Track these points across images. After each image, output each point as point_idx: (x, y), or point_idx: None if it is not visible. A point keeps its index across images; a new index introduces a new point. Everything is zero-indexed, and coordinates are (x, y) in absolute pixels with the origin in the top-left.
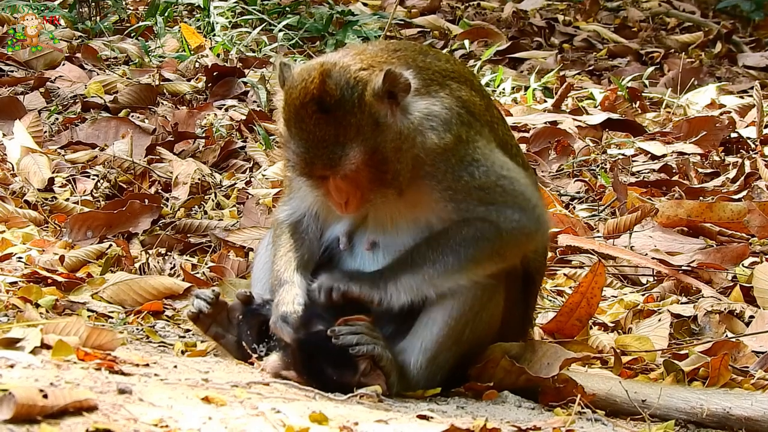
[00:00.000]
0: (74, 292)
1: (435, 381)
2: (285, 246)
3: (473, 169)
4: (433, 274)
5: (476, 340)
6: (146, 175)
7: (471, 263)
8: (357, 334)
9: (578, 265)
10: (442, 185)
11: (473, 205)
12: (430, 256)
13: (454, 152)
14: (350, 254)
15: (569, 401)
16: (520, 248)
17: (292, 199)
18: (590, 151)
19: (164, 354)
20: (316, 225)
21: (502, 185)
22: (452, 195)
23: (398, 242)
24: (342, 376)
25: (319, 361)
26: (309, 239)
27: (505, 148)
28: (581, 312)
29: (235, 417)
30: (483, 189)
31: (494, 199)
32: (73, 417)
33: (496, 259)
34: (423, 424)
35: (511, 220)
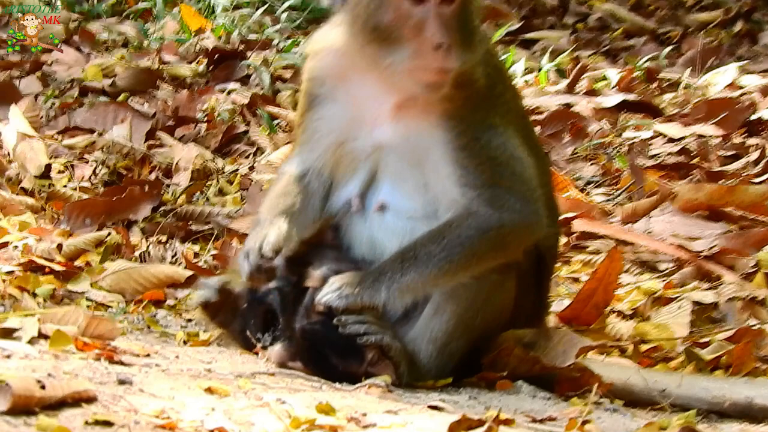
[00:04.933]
0: (72, 281)
1: (446, 370)
2: (277, 192)
3: (491, 136)
4: (437, 274)
5: (488, 327)
6: (146, 161)
7: (473, 259)
8: (364, 324)
9: (594, 251)
10: (458, 141)
11: (480, 182)
12: (434, 252)
13: (483, 101)
14: (358, 218)
15: (586, 391)
16: (522, 242)
17: (299, 154)
18: (606, 134)
19: (165, 344)
20: (319, 182)
21: (513, 167)
22: (464, 159)
23: (407, 207)
24: (348, 366)
25: (323, 351)
26: (308, 194)
27: (520, 129)
28: (598, 299)
29: (239, 408)
30: (495, 163)
31: (502, 179)
32: (71, 408)
33: (499, 254)
34: (434, 415)
35: (513, 210)
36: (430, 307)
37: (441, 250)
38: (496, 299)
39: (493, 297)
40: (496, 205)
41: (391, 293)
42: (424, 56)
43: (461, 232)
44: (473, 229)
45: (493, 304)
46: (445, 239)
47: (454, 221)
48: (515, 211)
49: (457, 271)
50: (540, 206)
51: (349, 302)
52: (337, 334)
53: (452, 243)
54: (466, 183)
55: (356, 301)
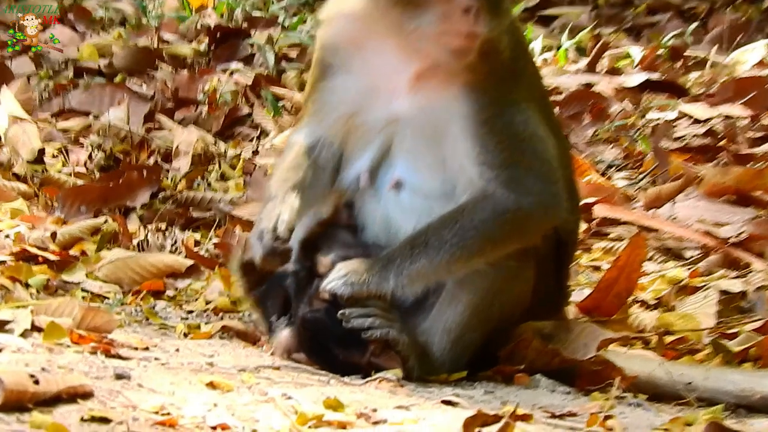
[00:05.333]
0: (67, 271)
1: (461, 363)
2: (287, 165)
3: (514, 112)
4: (449, 260)
5: (505, 318)
6: (144, 145)
7: (488, 245)
8: (369, 317)
9: (616, 237)
10: (479, 115)
11: (499, 161)
12: (446, 237)
13: (507, 74)
14: (373, 195)
15: (607, 385)
16: (540, 226)
17: (307, 125)
18: (628, 115)
19: (165, 337)
20: (329, 154)
21: (534, 146)
22: (484, 135)
23: (424, 185)
24: (350, 356)
25: (324, 341)
26: (318, 167)
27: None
28: (620, 288)
29: (242, 403)
30: (516, 141)
31: (522, 159)
32: (66, 404)
33: (516, 239)
34: (447, 410)
35: (532, 192)
36: (444, 296)
37: (453, 236)
38: (513, 288)
39: (510, 286)
40: (514, 187)
41: (399, 281)
42: (451, 20)
43: (476, 216)
44: (488, 212)
45: (510, 293)
46: (458, 224)
47: (469, 204)
48: (534, 194)
49: (471, 257)
50: (560, 188)
51: (354, 290)
52: (339, 324)
53: (466, 228)
54: (485, 161)
55: (362, 290)
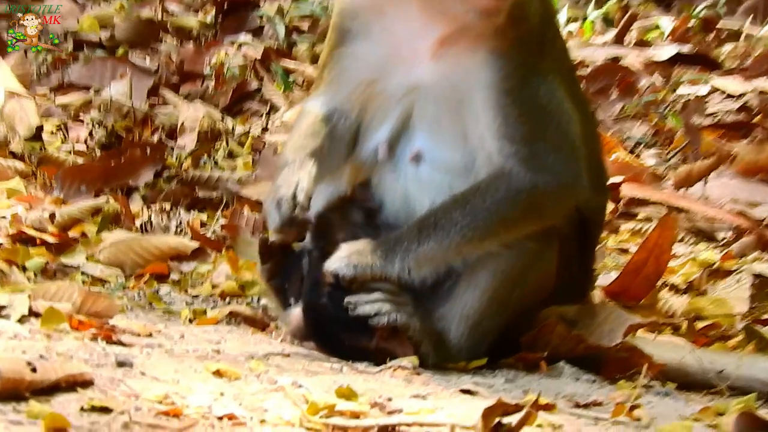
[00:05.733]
0: (66, 254)
1: (479, 351)
2: (303, 131)
3: (540, 83)
4: (460, 242)
5: (526, 303)
6: (148, 122)
7: (503, 226)
8: (376, 303)
9: (645, 218)
10: (504, 84)
11: (519, 135)
12: (457, 218)
13: (535, 42)
14: (391, 168)
15: (635, 373)
16: (559, 206)
17: (323, 93)
18: (658, 90)
19: (169, 322)
20: (346, 124)
21: (558, 121)
22: (508, 105)
23: (444, 158)
24: (357, 342)
25: (329, 327)
26: (335, 137)
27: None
28: (648, 272)
29: (250, 392)
30: (539, 114)
31: (544, 134)
32: (65, 393)
33: (532, 219)
34: (466, 400)
35: (550, 171)
36: (461, 279)
37: (464, 216)
38: (535, 271)
39: (532, 269)
40: (533, 165)
41: (405, 265)
42: None
43: (489, 196)
44: (503, 192)
45: (533, 276)
46: (470, 204)
47: (483, 184)
48: (552, 173)
49: (482, 239)
50: (581, 167)
51: (357, 272)
52: (343, 309)
53: (478, 208)
54: (505, 134)
55: (366, 271)
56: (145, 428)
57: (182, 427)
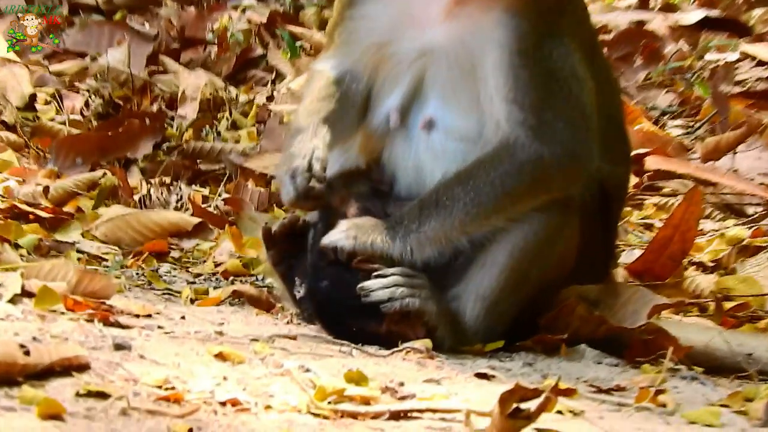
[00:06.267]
0: (61, 230)
1: (496, 332)
2: (316, 94)
3: (555, 45)
4: (464, 219)
5: (545, 282)
6: (147, 90)
7: (508, 200)
8: (390, 288)
9: (670, 192)
10: (518, 44)
11: (529, 100)
12: (459, 195)
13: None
14: (403, 136)
15: (660, 356)
16: (566, 178)
17: (334, 56)
18: (684, 57)
19: (169, 303)
20: (358, 88)
21: (570, 87)
22: (520, 67)
23: (457, 125)
24: (365, 326)
25: (336, 310)
26: (347, 102)
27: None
28: (674, 249)
29: (255, 377)
30: (551, 78)
31: (555, 100)
32: (60, 377)
33: (538, 192)
34: (482, 384)
35: (558, 141)
36: (476, 257)
37: (467, 193)
38: (554, 248)
39: (551, 245)
40: (540, 134)
41: (407, 245)
42: None
43: (493, 170)
44: (507, 165)
45: (552, 254)
46: (472, 179)
47: (487, 157)
48: (560, 142)
49: (487, 215)
50: (591, 137)
51: (357, 246)
52: (349, 292)
53: (481, 183)
54: (514, 99)
55: (366, 247)
56: (144, 414)
57: (183, 413)
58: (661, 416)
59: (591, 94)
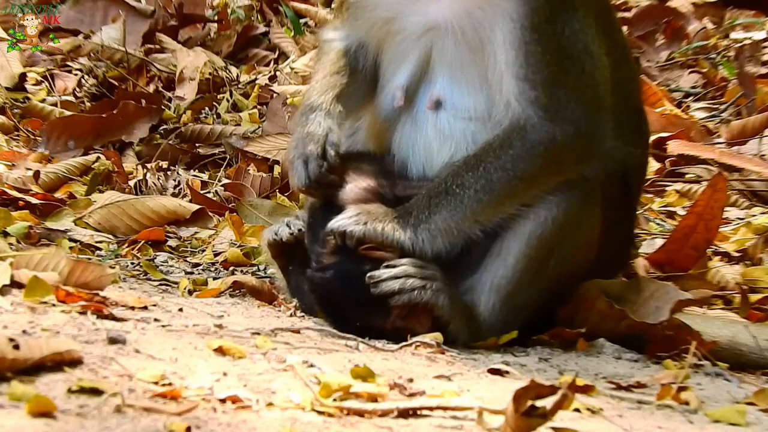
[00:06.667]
0: (52, 218)
1: (513, 326)
2: (327, 68)
3: (568, 20)
4: (476, 208)
5: (566, 271)
6: (143, 70)
7: (519, 185)
8: (400, 278)
9: (694, 179)
10: (529, 19)
11: (541, 78)
12: (469, 182)
13: None
14: (410, 117)
15: (682, 351)
16: (578, 159)
17: (343, 27)
18: (709, 35)
19: (166, 294)
20: (366, 64)
21: (582, 64)
22: (531, 43)
23: (465, 104)
24: (371, 320)
25: (339, 302)
26: (357, 78)
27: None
28: (697, 238)
29: (256, 372)
30: (564, 55)
31: (567, 77)
32: (51, 373)
33: (550, 175)
34: (495, 381)
35: (570, 120)
36: (491, 246)
37: (478, 179)
38: (575, 235)
39: (571, 232)
40: (552, 114)
41: (418, 236)
42: None
43: (503, 154)
44: (518, 149)
45: (572, 241)
46: (483, 165)
47: (496, 140)
48: (572, 122)
49: (500, 202)
50: (604, 117)
51: (368, 231)
52: (354, 283)
53: (492, 167)
54: (526, 76)
55: (377, 234)
56: (140, 412)
57: (181, 411)
58: (683, 415)
59: (605, 72)
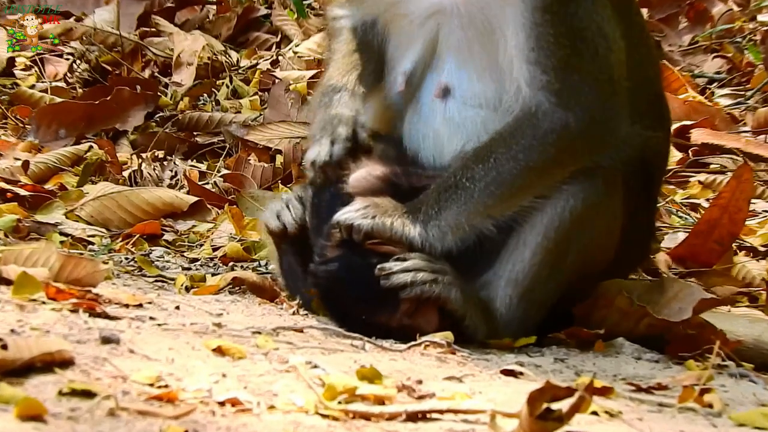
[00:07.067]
0: (42, 210)
1: (532, 323)
2: (344, 48)
3: (580, 1)
4: (487, 202)
5: (585, 265)
6: (138, 54)
7: (533, 176)
8: (411, 271)
9: (718, 169)
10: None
11: (553, 62)
12: (480, 175)
13: None
14: (416, 105)
15: (705, 351)
16: (592, 146)
17: (350, 5)
18: (734, 18)
19: (163, 291)
20: (377, 41)
21: (596, 47)
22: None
23: (474, 91)
24: (376, 316)
25: (344, 298)
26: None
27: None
28: (722, 232)
29: (257, 374)
30: (577, 37)
31: (580, 61)
32: (41, 374)
33: (564, 163)
34: (508, 382)
35: (583, 106)
36: (506, 240)
37: (488, 171)
38: (594, 228)
39: (590, 225)
40: (565, 100)
41: (428, 231)
42: None
43: (514, 144)
44: (530, 138)
45: (590, 234)
46: (493, 156)
47: (506, 129)
48: (585, 108)
49: (513, 193)
50: (619, 101)
51: (375, 226)
52: (359, 278)
53: (502, 158)
54: (537, 60)
55: (386, 229)
56: (134, 415)
57: (177, 414)
58: (706, 418)
59: (621, 55)
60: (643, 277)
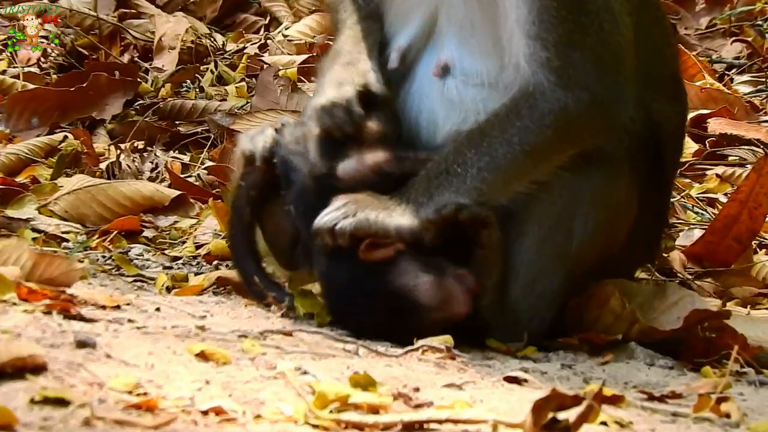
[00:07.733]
0: (13, 205)
1: (539, 316)
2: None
3: None
4: (480, 188)
5: (591, 257)
6: (117, 37)
7: (530, 160)
8: None
9: (737, 161)
10: None
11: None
12: (472, 160)
13: None
14: (411, 83)
15: (723, 357)
16: (594, 129)
17: None
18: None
19: (142, 292)
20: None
21: (601, 22)
22: None
23: (475, 69)
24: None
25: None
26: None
27: None
28: (741, 229)
29: (243, 380)
30: (581, 11)
31: (584, 37)
32: (12, 381)
33: (563, 147)
34: (512, 390)
35: (585, 86)
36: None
37: (481, 156)
38: (598, 216)
39: (593, 213)
40: (566, 79)
41: (418, 224)
42: None
43: (510, 125)
44: (525, 117)
45: (595, 223)
46: (487, 139)
47: (502, 110)
48: (586, 88)
49: (507, 180)
50: (624, 80)
51: (357, 222)
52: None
53: (496, 142)
54: (537, 35)
55: (368, 224)
56: (111, 425)
57: (157, 424)
58: (723, 428)
59: (628, 33)
60: (656, 278)
